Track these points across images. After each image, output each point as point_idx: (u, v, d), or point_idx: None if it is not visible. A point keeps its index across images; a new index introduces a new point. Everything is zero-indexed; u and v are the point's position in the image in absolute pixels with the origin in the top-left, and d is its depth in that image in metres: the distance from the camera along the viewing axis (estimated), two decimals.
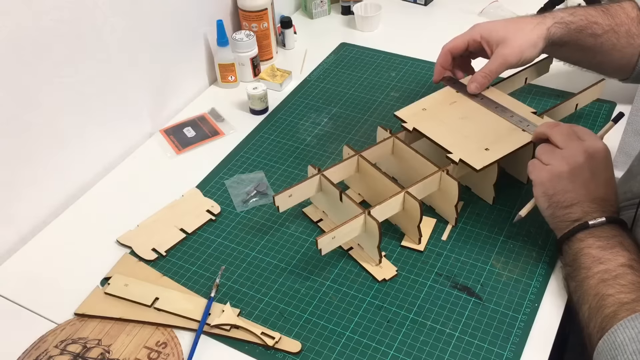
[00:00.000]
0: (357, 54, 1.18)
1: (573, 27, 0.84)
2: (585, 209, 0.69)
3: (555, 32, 0.84)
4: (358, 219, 0.73)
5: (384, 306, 0.72)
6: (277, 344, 0.68)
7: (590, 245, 0.67)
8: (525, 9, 1.08)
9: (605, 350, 0.58)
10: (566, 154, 0.70)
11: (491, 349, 0.67)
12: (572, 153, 0.70)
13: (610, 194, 0.70)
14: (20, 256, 0.82)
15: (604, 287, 0.62)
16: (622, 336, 0.57)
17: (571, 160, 0.69)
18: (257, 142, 0.98)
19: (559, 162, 0.70)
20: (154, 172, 0.94)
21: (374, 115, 1.02)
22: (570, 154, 0.70)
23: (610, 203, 0.69)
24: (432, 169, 0.78)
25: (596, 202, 0.69)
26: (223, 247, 0.81)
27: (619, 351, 0.56)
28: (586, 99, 0.94)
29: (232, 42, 1.08)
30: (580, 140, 0.71)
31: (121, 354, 0.68)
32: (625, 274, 0.62)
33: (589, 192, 0.69)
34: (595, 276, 0.64)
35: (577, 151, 0.70)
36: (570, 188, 0.69)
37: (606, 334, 0.58)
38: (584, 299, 0.64)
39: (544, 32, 0.83)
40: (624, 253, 0.64)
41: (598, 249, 0.66)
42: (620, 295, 0.60)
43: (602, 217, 0.67)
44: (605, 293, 0.62)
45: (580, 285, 0.66)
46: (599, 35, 0.85)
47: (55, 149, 0.86)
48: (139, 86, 0.98)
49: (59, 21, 0.80)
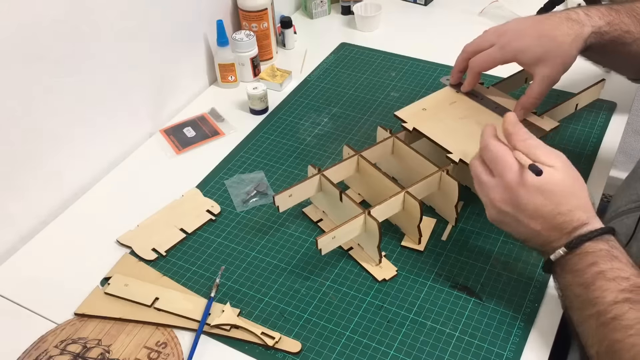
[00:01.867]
0: (357, 54, 1.18)
1: (607, 37, 0.78)
2: (541, 242, 0.65)
3: (591, 42, 0.78)
4: (358, 219, 0.73)
5: (384, 306, 0.72)
6: (277, 344, 0.68)
7: (571, 283, 0.62)
8: (525, 9, 1.08)
9: None
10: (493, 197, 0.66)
11: (491, 349, 0.67)
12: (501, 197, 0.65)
13: (565, 212, 0.63)
14: (20, 256, 0.82)
15: (607, 332, 0.57)
16: None
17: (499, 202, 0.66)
18: (257, 142, 0.98)
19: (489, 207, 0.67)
20: (154, 172, 0.94)
21: (374, 115, 1.02)
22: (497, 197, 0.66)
23: (569, 222, 0.63)
24: (432, 169, 0.78)
25: (549, 231, 0.64)
26: (223, 247, 0.81)
27: None
28: (586, 99, 0.94)
29: (232, 42, 1.08)
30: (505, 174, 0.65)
31: (121, 354, 0.68)
32: (623, 313, 0.57)
33: (535, 225, 0.64)
34: (592, 319, 0.59)
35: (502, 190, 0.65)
36: (514, 229, 0.66)
37: None
38: (590, 341, 0.60)
39: (581, 44, 0.77)
40: (608, 286, 0.59)
41: (580, 287, 0.61)
42: (631, 340, 0.55)
43: (561, 246, 0.62)
44: (612, 339, 0.57)
45: (579, 326, 0.61)
46: (629, 43, 0.79)
47: (55, 149, 0.86)
48: (139, 86, 0.98)
49: (59, 21, 0.80)
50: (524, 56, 0.78)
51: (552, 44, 0.77)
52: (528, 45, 0.78)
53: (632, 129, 1.39)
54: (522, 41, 0.78)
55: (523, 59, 0.79)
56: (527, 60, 0.79)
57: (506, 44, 0.79)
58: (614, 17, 0.78)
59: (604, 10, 0.78)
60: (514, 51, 0.78)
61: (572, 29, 0.77)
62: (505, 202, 0.66)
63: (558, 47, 0.76)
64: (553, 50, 0.77)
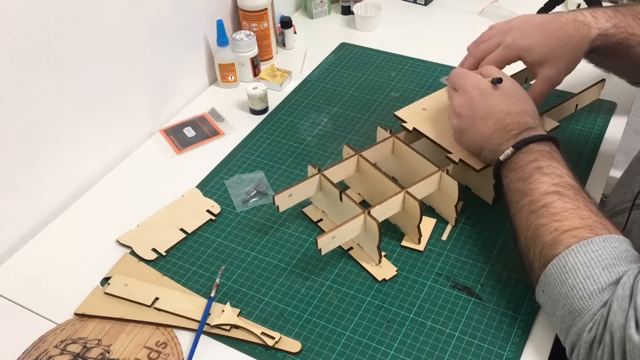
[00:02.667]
0: (357, 54, 1.18)
1: (613, 39, 0.79)
2: (492, 148, 0.71)
3: (596, 44, 0.78)
4: (358, 218, 0.73)
5: (384, 306, 0.72)
6: (277, 344, 0.68)
7: (512, 179, 0.68)
8: (525, 9, 1.08)
9: (555, 274, 0.60)
10: (454, 103, 0.74)
11: (491, 349, 0.67)
12: (460, 102, 0.74)
13: (514, 114, 0.71)
14: (20, 256, 0.82)
15: (535, 218, 0.64)
16: (572, 261, 0.59)
17: (458, 107, 0.74)
18: (257, 142, 0.98)
19: (452, 116, 0.75)
20: (154, 172, 0.94)
21: (374, 115, 1.02)
22: (457, 103, 0.74)
23: (517, 124, 0.70)
24: (432, 169, 0.78)
25: (499, 133, 0.71)
26: (223, 247, 0.81)
27: (569, 275, 0.59)
28: (586, 99, 0.94)
29: (232, 42, 1.08)
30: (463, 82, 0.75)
31: (121, 354, 0.68)
32: (552, 202, 0.63)
33: (487, 127, 0.72)
34: (524, 209, 0.66)
35: (461, 95, 0.74)
36: (470, 136, 0.74)
37: (556, 258, 0.60)
38: (519, 230, 0.66)
39: (587, 46, 0.78)
40: (543, 179, 0.65)
41: (519, 181, 0.67)
42: (554, 224, 0.62)
43: (509, 147, 0.69)
44: (537, 223, 0.63)
45: (514, 218, 0.68)
46: (633, 46, 0.79)
47: (55, 148, 0.86)
48: (139, 86, 0.98)
49: (59, 21, 0.80)
50: (529, 55, 0.78)
51: (557, 45, 0.77)
52: (533, 44, 0.78)
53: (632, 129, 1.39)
54: (527, 40, 0.78)
55: (527, 59, 0.79)
56: (531, 60, 0.79)
57: (511, 42, 0.79)
58: (620, 20, 0.78)
59: (610, 13, 0.79)
60: (518, 50, 0.79)
61: (578, 30, 0.77)
62: (463, 106, 0.74)
63: (563, 48, 0.77)
64: (558, 51, 0.77)
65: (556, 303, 0.61)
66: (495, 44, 0.81)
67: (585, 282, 0.58)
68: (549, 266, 0.61)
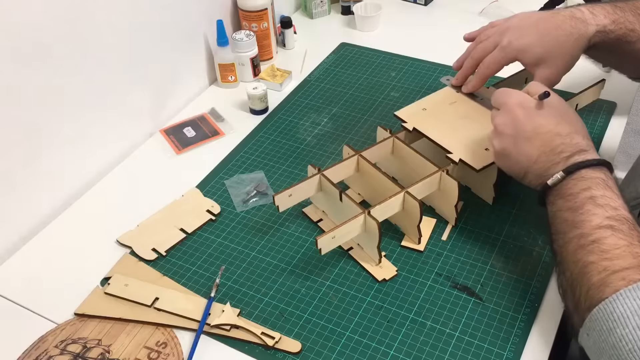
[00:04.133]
0: (357, 54, 1.18)
1: (612, 36, 0.77)
2: (539, 171, 0.65)
3: (595, 41, 0.77)
4: (358, 218, 0.73)
5: (384, 306, 0.72)
6: (277, 344, 0.68)
7: (561, 207, 0.63)
8: (524, 9, 1.08)
9: (601, 320, 0.54)
10: (496, 122, 0.68)
11: (491, 349, 0.67)
12: (502, 121, 0.68)
13: (564, 134, 0.65)
14: (20, 256, 0.82)
15: (583, 254, 0.58)
16: (621, 308, 0.53)
17: (500, 126, 0.67)
18: (257, 142, 0.98)
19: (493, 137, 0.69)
20: (154, 172, 0.94)
21: (374, 115, 1.02)
22: (499, 122, 0.68)
23: (567, 145, 0.64)
24: (432, 169, 0.78)
25: (548, 155, 0.64)
26: (223, 247, 0.81)
27: (617, 323, 0.53)
28: (586, 99, 0.94)
29: (232, 42, 1.08)
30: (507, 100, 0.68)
31: (121, 354, 0.68)
32: (604, 237, 0.58)
33: (534, 149, 0.66)
34: (572, 242, 0.60)
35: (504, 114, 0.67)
36: (513, 158, 0.67)
37: (603, 302, 0.54)
38: (565, 265, 0.61)
39: (585, 43, 0.76)
40: (596, 211, 0.59)
41: (569, 211, 0.61)
42: (604, 263, 0.56)
43: (559, 171, 0.63)
44: (586, 260, 0.58)
45: (560, 251, 0.62)
46: (633, 42, 0.78)
47: (55, 148, 0.86)
48: (139, 86, 0.98)
49: (59, 21, 0.80)
50: (525, 56, 0.78)
51: (554, 44, 0.76)
52: (529, 45, 0.77)
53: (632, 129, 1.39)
54: (523, 40, 0.77)
55: (524, 59, 0.78)
56: (528, 61, 0.78)
57: (507, 44, 0.78)
58: (619, 16, 0.77)
59: (609, 9, 0.77)
60: (515, 51, 0.78)
61: (575, 28, 0.76)
62: (505, 125, 0.68)
63: (560, 47, 0.76)
64: (555, 50, 0.76)
65: (602, 351, 0.54)
66: (493, 45, 0.80)
67: (635, 333, 0.51)
68: (595, 310, 0.55)
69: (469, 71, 0.85)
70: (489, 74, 0.83)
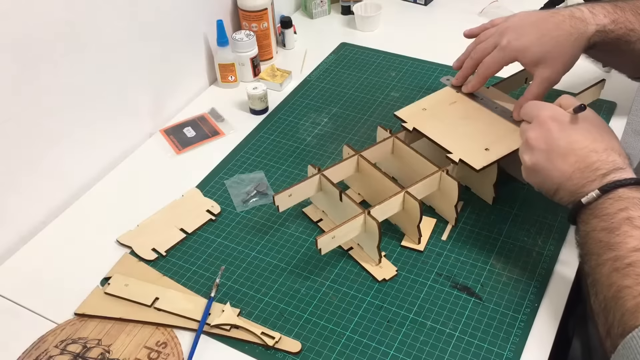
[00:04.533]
0: (357, 54, 1.18)
1: (612, 35, 0.76)
2: (572, 189, 0.62)
3: (595, 41, 0.77)
4: (358, 218, 0.73)
5: (384, 306, 0.72)
6: (277, 344, 0.68)
7: (595, 227, 0.60)
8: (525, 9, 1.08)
9: (635, 348, 0.52)
10: (528, 136, 0.66)
11: (491, 349, 0.67)
12: (535, 135, 0.65)
13: (601, 151, 0.62)
14: (20, 256, 0.82)
15: (618, 277, 0.56)
16: None
17: (533, 139, 0.65)
18: (257, 142, 0.98)
19: (524, 151, 0.66)
20: (154, 172, 0.94)
21: (374, 115, 1.02)
22: (531, 135, 0.65)
23: (604, 162, 0.61)
24: (432, 169, 0.78)
25: (582, 172, 0.62)
26: (223, 247, 0.81)
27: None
28: (586, 99, 0.94)
29: (232, 42, 1.08)
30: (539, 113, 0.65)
31: (121, 354, 0.68)
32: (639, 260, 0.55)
33: (568, 165, 0.63)
34: (607, 264, 0.57)
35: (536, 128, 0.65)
36: (545, 173, 0.64)
37: (636, 330, 0.52)
38: (598, 288, 0.58)
39: (584, 43, 0.76)
40: (633, 233, 0.56)
41: (604, 231, 0.58)
42: (639, 288, 0.54)
43: (595, 189, 0.60)
44: (621, 284, 0.55)
45: (593, 272, 0.59)
46: (633, 42, 0.78)
47: (55, 148, 0.86)
48: (139, 86, 0.98)
49: (59, 21, 0.80)
50: (524, 57, 0.78)
51: (553, 44, 0.75)
52: (528, 45, 0.77)
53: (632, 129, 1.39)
54: (522, 41, 0.77)
55: (523, 60, 0.78)
56: (527, 61, 0.78)
57: (507, 44, 0.78)
58: (619, 15, 0.76)
59: (609, 8, 0.77)
60: (514, 51, 0.78)
61: (575, 28, 0.75)
62: (538, 139, 0.65)
63: (559, 47, 0.75)
64: (554, 51, 0.75)
65: None
66: (492, 45, 0.80)
67: None
68: (629, 338, 0.52)
69: (468, 71, 0.85)
70: (488, 74, 0.83)
